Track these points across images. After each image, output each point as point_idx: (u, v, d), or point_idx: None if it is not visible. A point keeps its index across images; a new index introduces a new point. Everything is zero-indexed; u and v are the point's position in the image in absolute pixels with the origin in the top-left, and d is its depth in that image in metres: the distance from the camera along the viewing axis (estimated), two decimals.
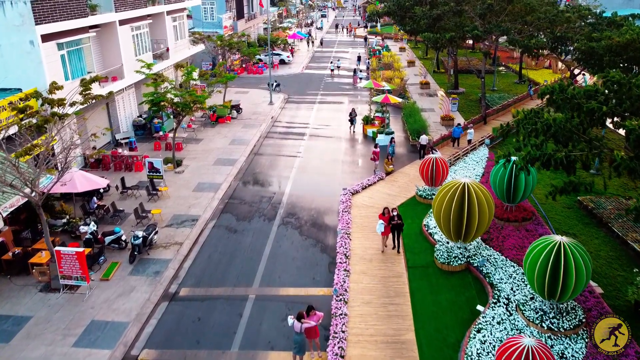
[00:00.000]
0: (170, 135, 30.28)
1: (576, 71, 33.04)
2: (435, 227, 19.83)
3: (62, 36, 23.98)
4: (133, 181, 26.05)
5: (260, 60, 59.36)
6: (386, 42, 76.29)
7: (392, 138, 27.70)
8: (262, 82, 49.15)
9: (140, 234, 18.81)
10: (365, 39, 78.74)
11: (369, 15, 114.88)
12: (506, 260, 17.38)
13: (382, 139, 31.03)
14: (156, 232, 19.85)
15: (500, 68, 53.22)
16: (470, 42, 45.20)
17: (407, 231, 20.19)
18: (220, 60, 47.77)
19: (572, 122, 12.62)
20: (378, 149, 26.31)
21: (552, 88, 14.05)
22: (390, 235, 18.93)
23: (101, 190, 23.57)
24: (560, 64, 49.54)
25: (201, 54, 42.90)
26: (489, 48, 31.22)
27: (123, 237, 19.40)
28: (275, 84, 46.22)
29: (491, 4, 28.10)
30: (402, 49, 69.00)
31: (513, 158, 18.07)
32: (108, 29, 28.91)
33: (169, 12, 36.80)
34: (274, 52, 60.04)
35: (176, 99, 25.40)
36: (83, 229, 19.94)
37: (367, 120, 33.82)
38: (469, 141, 28.90)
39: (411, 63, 57.24)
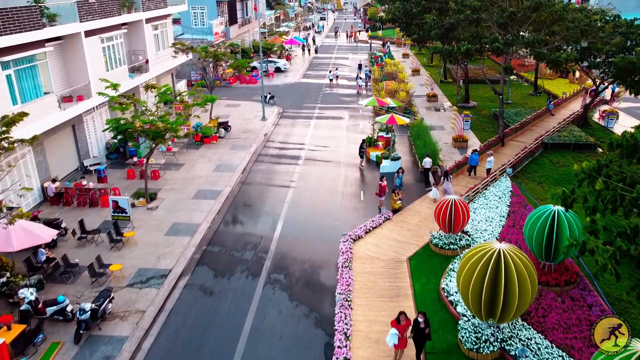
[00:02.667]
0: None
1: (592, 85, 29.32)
2: (457, 292, 16.00)
3: (8, 52, 20.16)
4: (98, 220, 22.29)
5: (255, 68, 55.59)
6: (388, 47, 72.45)
7: (401, 168, 23.85)
8: (256, 94, 45.36)
9: (88, 306, 14.98)
10: (371, 45, 74.49)
11: (369, 18, 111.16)
12: (551, 347, 13.55)
13: (387, 166, 27.24)
14: (111, 299, 16.01)
15: (512, 77, 49.36)
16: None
17: (421, 296, 16.38)
18: (212, 68, 43.90)
19: None
20: (385, 183, 22.47)
21: (634, 139, 10.24)
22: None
23: (55, 236, 19.72)
24: (577, 73, 45.74)
25: (190, 63, 39.08)
26: (509, 61, 27.40)
27: (68, 308, 15.59)
28: (269, 96, 42.48)
29: (513, 12, 24.31)
30: (405, 55, 65.22)
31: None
32: (72, 41, 25.10)
33: (148, 20, 32.99)
34: (269, 59, 56.32)
35: (147, 125, 21.54)
36: (22, 293, 16.10)
37: (370, 142, 29.99)
38: (488, 170, 25.06)
39: (416, 72, 53.44)
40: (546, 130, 31.23)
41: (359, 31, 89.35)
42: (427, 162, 26.37)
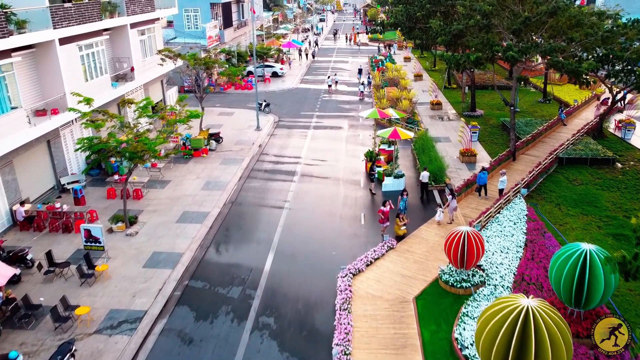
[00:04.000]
0: (130, 179, 24.36)
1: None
2: (472, 345, 13.86)
3: None
4: (71, 248, 20.17)
5: (251, 73, 53.48)
6: (394, 50, 70.29)
7: (405, 190, 21.64)
8: (251, 100, 43.31)
9: None
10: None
11: (369, 20, 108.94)
12: None
13: (389, 184, 25.10)
14: (73, 354, 13.87)
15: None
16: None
17: (431, 347, 14.24)
18: (205, 75, 41.82)
19: None
20: (388, 209, 20.26)
21: None
22: None
23: (17, 272, 17.59)
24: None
25: (178, 71, 36.90)
26: (521, 70, 25.22)
27: None
28: (264, 104, 40.41)
29: (528, 17, 22.16)
30: (407, 59, 63.08)
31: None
32: (45, 49, 22.98)
33: (133, 25, 30.85)
34: (266, 63, 54.21)
35: (122, 145, 19.39)
36: None
37: (372, 157, 27.82)
38: (501, 191, 22.88)
39: (418, 77, 51.28)
40: (560, 143, 29.04)
41: (359, 33, 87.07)
42: (425, 175, 24.47)
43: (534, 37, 24.24)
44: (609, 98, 37.11)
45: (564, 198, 23.60)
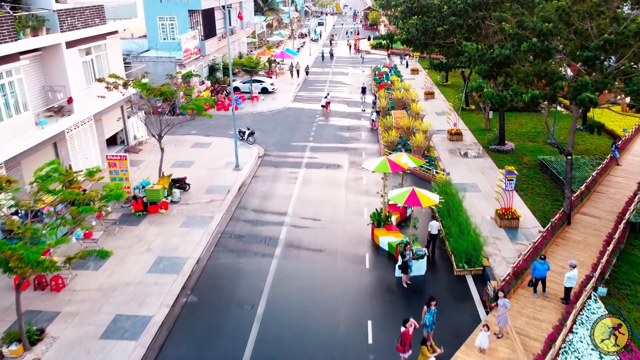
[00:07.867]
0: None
1: None
2: None
3: None
4: None
5: (237, 89, 46.70)
6: (394, 60, 63.45)
7: (433, 299, 14.53)
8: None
9: None
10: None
11: (370, 24, 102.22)
12: None
13: (412, 265, 18.10)
14: None
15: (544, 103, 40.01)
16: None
17: None
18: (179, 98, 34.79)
19: None
20: (411, 331, 13.36)
21: None
22: None
23: None
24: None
25: (129, 100, 29.79)
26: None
27: None
28: (248, 132, 33.65)
29: (609, 39, 15.32)
30: (414, 71, 56.19)
31: None
32: None
33: (72, 44, 23.94)
34: (255, 78, 47.37)
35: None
36: None
37: (379, 220, 20.94)
38: (568, 291, 15.90)
39: (429, 94, 44.32)
40: (627, 199, 22.15)
41: (360, 39, 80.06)
42: (434, 226, 18.97)
43: (619, 66, 17.25)
44: None
45: None
